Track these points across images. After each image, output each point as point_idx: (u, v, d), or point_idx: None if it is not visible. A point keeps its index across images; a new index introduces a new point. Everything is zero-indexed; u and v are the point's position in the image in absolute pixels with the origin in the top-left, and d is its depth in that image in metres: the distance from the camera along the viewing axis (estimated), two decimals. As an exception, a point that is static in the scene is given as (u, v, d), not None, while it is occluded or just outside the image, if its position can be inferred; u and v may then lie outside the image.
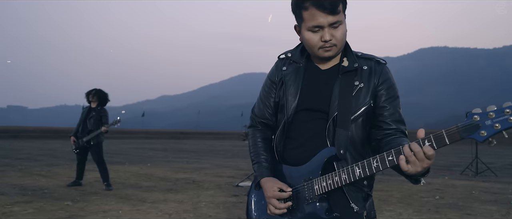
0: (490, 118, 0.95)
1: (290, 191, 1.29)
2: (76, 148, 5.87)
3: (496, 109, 0.95)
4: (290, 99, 1.33)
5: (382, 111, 1.28)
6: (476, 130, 0.96)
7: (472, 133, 0.96)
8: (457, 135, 0.98)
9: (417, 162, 1.02)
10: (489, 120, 0.95)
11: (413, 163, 1.03)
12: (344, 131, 1.25)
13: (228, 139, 43.14)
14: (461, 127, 0.97)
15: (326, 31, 1.23)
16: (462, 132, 0.97)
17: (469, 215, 4.27)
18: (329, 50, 1.26)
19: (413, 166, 1.03)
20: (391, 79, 1.32)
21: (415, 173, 1.05)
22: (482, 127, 0.95)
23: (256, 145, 1.43)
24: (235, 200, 5.04)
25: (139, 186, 6.13)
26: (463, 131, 0.97)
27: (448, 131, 0.99)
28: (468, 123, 0.97)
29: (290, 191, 1.28)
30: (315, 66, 1.36)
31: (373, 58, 1.33)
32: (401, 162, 1.04)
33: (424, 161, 1.02)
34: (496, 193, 5.93)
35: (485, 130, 0.95)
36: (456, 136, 0.98)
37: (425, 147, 1.02)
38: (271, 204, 1.29)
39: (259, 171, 1.37)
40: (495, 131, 0.94)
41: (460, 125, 0.98)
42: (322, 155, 1.26)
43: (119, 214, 4.05)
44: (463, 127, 0.97)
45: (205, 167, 9.71)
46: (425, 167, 1.04)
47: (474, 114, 0.97)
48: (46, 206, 4.36)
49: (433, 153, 1.01)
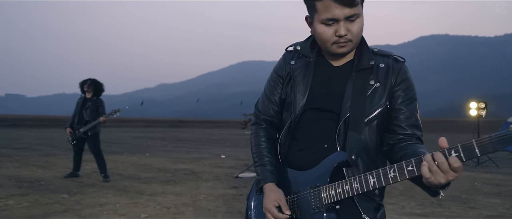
0: None
1: (288, 214, 1.17)
2: (72, 139, 5.75)
3: None
4: (299, 97, 1.21)
5: (398, 114, 1.17)
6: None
7: (508, 145, 0.84)
8: (489, 146, 0.85)
9: (441, 174, 0.90)
10: None
11: (435, 173, 0.90)
12: (356, 134, 1.13)
13: (227, 127, 43.14)
14: (495, 138, 0.84)
15: (342, 25, 1.10)
16: (496, 143, 0.84)
17: (473, 209, 4.20)
18: (344, 46, 1.13)
19: (436, 177, 0.90)
20: (410, 79, 1.20)
21: (437, 185, 0.92)
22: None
23: (260, 146, 1.31)
24: (235, 192, 4.96)
25: (137, 177, 6.04)
26: (497, 142, 0.84)
27: (479, 142, 0.86)
28: (503, 134, 0.84)
29: (288, 214, 1.17)
30: (326, 62, 1.24)
31: (391, 55, 1.21)
32: (423, 168, 0.91)
33: (449, 173, 0.90)
34: (498, 184, 5.88)
35: None
36: (489, 147, 0.85)
37: (451, 158, 0.89)
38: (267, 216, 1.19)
39: (263, 175, 1.26)
40: None
41: (494, 136, 0.85)
42: (331, 160, 1.14)
43: (116, 207, 3.97)
44: (497, 138, 0.84)
45: (204, 157, 9.63)
46: (450, 180, 0.91)
47: (511, 123, 0.84)
48: (42, 199, 4.26)
49: (460, 165, 0.88)
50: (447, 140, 0.92)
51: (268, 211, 1.18)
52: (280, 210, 1.18)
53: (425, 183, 0.95)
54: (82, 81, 5.86)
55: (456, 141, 0.94)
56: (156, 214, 3.72)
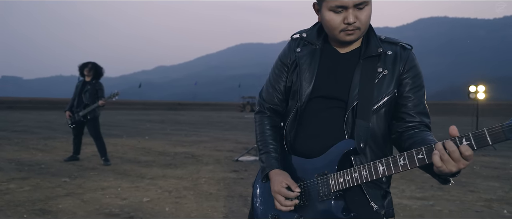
0: None
1: (299, 191, 1.16)
2: (72, 123, 5.70)
3: None
4: (305, 85, 1.20)
5: (406, 102, 1.16)
6: None
7: None
8: (501, 135, 0.85)
9: (452, 162, 0.89)
10: None
11: (447, 162, 0.90)
12: (364, 122, 1.12)
13: (225, 110, 43.19)
14: (507, 127, 0.84)
15: (350, 12, 1.08)
16: (508, 132, 0.84)
17: (472, 192, 4.24)
18: (352, 33, 1.12)
19: (448, 165, 0.90)
20: (418, 67, 1.19)
21: (448, 173, 0.92)
22: None
23: (264, 133, 1.29)
24: (235, 176, 4.97)
25: (137, 161, 6.04)
26: (509, 131, 0.84)
27: (491, 130, 0.85)
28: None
29: (298, 191, 1.16)
30: (333, 49, 1.22)
31: (399, 43, 1.20)
32: (435, 157, 0.90)
33: (460, 161, 0.89)
34: (497, 168, 5.93)
35: None
36: (501, 136, 0.85)
37: (462, 146, 0.88)
38: (277, 200, 1.17)
39: (268, 162, 1.24)
40: None
41: (506, 124, 0.84)
42: (339, 148, 1.12)
43: (118, 191, 3.97)
44: (509, 126, 0.84)
45: (203, 140, 9.64)
46: (461, 168, 0.90)
47: None
48: (43, 183, 4.26)
49: (471, 153, 0.88)
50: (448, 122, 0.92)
51: (278, 193, 1.17)
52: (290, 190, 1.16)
53: (436, 172, 0.94)
54: (82, 64, 5.77)
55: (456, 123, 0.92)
56: (158, 198, 3.73)
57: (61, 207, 3.33)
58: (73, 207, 3.33)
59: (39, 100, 41.81)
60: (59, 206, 3.36)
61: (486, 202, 3.81)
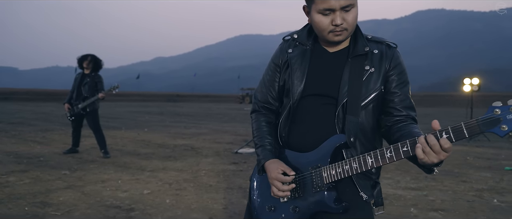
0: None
1: (294, 174, 1.23)
2: (71, 115, 5.71)
3: None
4: (296, 83, 1.27)
5: (393, 97, 1.24)
6: (497, 124, 0.92)
7: (492, 127, 0.93)
8: (476, 128, 0.94)
9: (433, 154, 0.98)
10: (511, 115, 0.91)
11: (429, 154, 0.98)
12: (354, 118, 1.20)
13: (224, 102, 43.20)
14: (481, 121, 0.93)
15: (338, 14, 1.16)
16: (482, 125, 0.93)
17: (465, 182, 4.32)
18: (340, 34, 1.19)
19: (429, 157, 0.98)
20: (402, 64, 1.26)
21: (431, 164, 1.00)
22: (503, 121, 0.91)
23: (260, 129, 1.36)
24: (235, 168, 5.02)
25: (137, 153, 6.08)
26: (483, 124, 0.93)
27: (467, 124, 0.95)
28: (488, 117, 0.93)
29: (293, 174, 1.22)
30: (323, 49, 1.29)
31: (384, 42, 1.27)
32: (417, 150, 0.99)
33: (441, 153, 0.97)
34: (489, 158, 6.03)
35: (506, 125, 0.91)
36: (476, 129, 0.94)
37: (442, 139, 0.96)
38: (274, 186, 1.24)
39: (263, 154, 1.31)
40: None
41: (481, 119, 0.93)
42: (331, 142, 1.20)
43: (119, 183, 4.00)
44: (483, 120, 0.93)
45: (203, 132, 9.69)
46: (442, 159, 0.98)
47: (495, 107, 0.93)
48: (43, 176, 4.28)
49: (450, 145, 0.96)
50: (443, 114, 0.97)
51: (275, 179, 1.22)
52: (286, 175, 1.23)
53: (419, 163, 1.03)
54: (81, 56, 5.75)
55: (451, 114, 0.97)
56: (158, 190, 3.77)
57: (62, 199, 3.37)
58: (74, 200, 3.37)
59: (35, 91, 41.59)
60: (60, 198, 3.40)
61: (477, 192, 3.89)
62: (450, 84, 23.96)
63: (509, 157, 6.17)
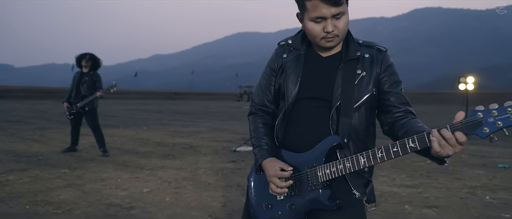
0: (492, 116, 0.98)
1: (291, 170, 1.28)
2: (70, 114, 5.74)
3: (498, 107, 0.98)
4: (291, 87, 1.33)
5: (389, 96, 1.29)
6: (479, 127, 0.99)
7: (475, 130, 0.99)
8: (461, 130, 1.00)
9: (449, 147, 1.02)
10: (491, 118, 0.98)
11: (444, 147, 1.02)
12: (347, 119, 1.26)
13: (222, 99, 43.19)
14: (465, 123, 1.00)
15: (329, 22, 1.21)
16: (466, 128, 1.00)
17: (459, 180, 4.40)
18: (331, 40, 1.25)
19: (445, 150, 1.02)
20: (393, 66, 1.32)
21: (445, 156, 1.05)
22: (485, 124, 0.98)
23: (257, 130, 1.42)
24: (233, 166, 5.07)
25: (136, 152, 6.12)
26: (466, 127, 1.00)
27: (452, 127, 1.01)
28: (471, 120, 1.00)
29: (291, 170, 1.28)
30: (316, 54, 1.35)
31: (374, 46, 1.33)
32: (434, 144, 1.03)
33: (456, 146, 1.02)
34: (483, 156, 6.11)
35: (488, 127, 0.98)
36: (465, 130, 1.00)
37: (457, 133, 1.00)
38: (272, 183, 1.29)
39: (260, 154, 1.36)
40: (496, 128, 0.98)
41: (464, 122, 1.00)
42: (326, 143, 1.25)
43: (118, 182, 4.05)
44: (466, 123, 1.00)
45: (201, 130, 9.72)
46: (456, 151, 1.03)
47: (478, 111, 1.00)
48: (43, 174, 4.32)
49: (465, 139, 1.01)
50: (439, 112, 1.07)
51: (273, 176, 1.28)
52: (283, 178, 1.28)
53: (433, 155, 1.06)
54: (80, 55, 5.77)
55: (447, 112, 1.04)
56: (158, 188, 3.82)
57: (62, 198, 3.41)
58: (74, 198, 3.41)
59: (31, 89, 41.41)
60: (60, 197, 3.44)
61: (471, 189, 3.97)
62: (447, 82, 24.21)
63: (503, 155, 6.25)
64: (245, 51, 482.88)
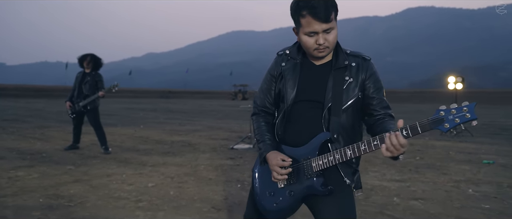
0: (452, 114, 1.22)
1: (290, 160, 1.51)
2: (72, 113, 5.91)
3: (457, 107, 1.21)
4: (289, 91, 1.54)
5: (372, 101, 1.52)
6: (441, 123, 1.23)
7: (438, 125, 1.24)
8: (427, 126, 1.25)
9: (395, 151, 1.29)
10: (451, 115, 1.22)
11: (392, 151, 1.30)
12: (337, 118, 1.48)
13: (216, 98, 43.28)
14: (431, 120, 1.24)
15: (320, 36, 1.42)
16: (431, 124, 1.24)
17: (445, 174, 4.67)
18: (323, 51, 1.47)
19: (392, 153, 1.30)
20: (376, 73, 1.55)
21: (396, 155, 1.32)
22: (446, 120, 1.22)
23: (260, 128, 1.65)
24: (232, 163, 5.29)
25: (136, 149, 6.31)
26: (432, 123, 1.24)
27: (421, 123, 1.26)
28: (436, 117, 1.24)
29: (290, 160, 1.50)
30: (310, 62, 1.56)
31: (360, 55, 1.55)
32: (382, 149, 1.30)
33: (400, 149, 1.28)
34: (470, 153, 6.39)
35: (448, 123, 1.22)
36: (427, 127, 1.25)
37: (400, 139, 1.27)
38: (274, 171, 1.51)
39: (264, 148, 1.58)
40: (455, 124, 1.22)
41: (430, 119, 1.24)
42: (319, 138, 1.48)
43: (123, 177, 4.25)
44: (432, 120, 1.24)
45: (198, 129, 9.91)
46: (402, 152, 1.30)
47: (441, 110, 1.24)
48: (49, 171, 4.50)
49: (405, 142, 1.27)
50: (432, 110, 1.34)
51: (275, 165, 1.51)
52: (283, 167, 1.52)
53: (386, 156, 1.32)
54: (81, 56, 5.95)
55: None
56: (162, 183, 4.03)
57: (72, 192, 3.61)
58: (84, 192, 3.61)
59: (25, 87, 41.10)
60: (70, 191, 3.64)
61: (455, 183, 4.23)
62: (440, 81, 24.78)
63: (489, 152, 6.52)
64: (239, 50, 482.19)
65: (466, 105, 1.21)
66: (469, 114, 1.21)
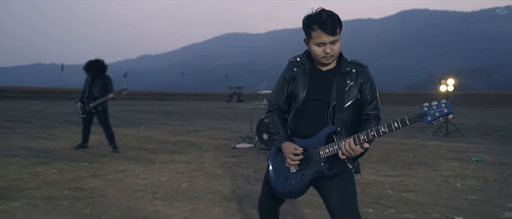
0: (433, 109, 1.55)
1: (301, 149, 1.82)
2: (83, 113, 6.19)
3: (437, 103, 1.55)
4: (300, 92, 1.85)
5: (366, 101, 1.85)
6: (425, 116, 1.57)
7: (422, 118, 1.58)
8: (413, 119, 1.59)
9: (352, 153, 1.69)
10: (432, 110, 1.55)
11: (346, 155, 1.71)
12: (340, 115, 1.79)
13: (212, 100, 43.51)
14: (416, 114, 1.59)
15: (328, 46, 1.73)
16: (417, 117, 1.59)
17: (435, 170, 5.00)
18: (329, 59, 1.78)
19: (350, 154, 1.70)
20: (372, 78, 1.86)
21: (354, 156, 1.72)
22: (428, 114, 1.56)
23: (275, 122, 1.97)
24: (235, 160, 5.59)
25: (143, 148, 6.58)
26: (417, 116, 1.59)
27: (408, 116, 1.59)
28: (421, 112, 1.58)
29: (301, 149, 1.82)
30: (317, 68, 1.87)
31: (359, 63, 1.86)
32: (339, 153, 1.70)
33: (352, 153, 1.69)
34: (460, 151, 6.73)
35: (430, 117, 1.56)
36: (413, 119, 1.59)
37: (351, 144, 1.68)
38: (288, 158, 1.83)
39: (279, 139, 1.90)
40: (435, 117, 1.55)
41: (416, 113, 1.59)
42: (325, 131, 1.79)
43: (136, 173, 4.53)
44: (417, 114, 1.59)
45: (198, 130, 10.18)
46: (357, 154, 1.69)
47: (424, 106, 1.58)
48: (66, 167, 4.76)
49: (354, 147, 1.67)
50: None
51: (289, 152, 1.83)
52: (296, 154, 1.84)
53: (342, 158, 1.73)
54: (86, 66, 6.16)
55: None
56: (173, 178, 4.32)
57: (92, 185, 3.89)
58: (103, 185, 3.89)
59: (20, 89, 41.04)
60: (90, 184, 3.92)
61: (445, 178, 4.57)
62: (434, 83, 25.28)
63: (478, 150, 6.85)
64: (234, 52, 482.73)
65: (444, 102, 1.55)
66: (446, 109, 1.55)
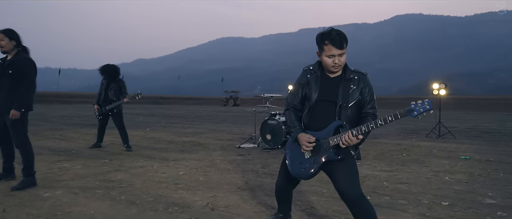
0: (418, 106, 2.03)
1: (314, 139, 2.32)
2: (99, 114, 6.61)
3: (421, 102, 2.01)
4: (313, 94, 2.37)
5: (365, 102, 2.32)
6: (412, 111, 2.04)
7: (410, 113, 2.07)
8: (403, 113, 2.08)
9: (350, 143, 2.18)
10: (418, 107, 2.03)
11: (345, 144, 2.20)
12: (345, 112, 2.28)
13: (208, 104, 43.85)
14: (406, 110, 2.07)
15: (336, 58, 2.24)
16: (406, 112, 2.08)
17: (427, 167, 5.47)
18: (337, 68, 2.29)
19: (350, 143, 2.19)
20: (370, 84, 2.35)
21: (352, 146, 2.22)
22: (414, 110, 2.04)
23: (292, 118, 2.48)
24: (243, 158, 6.02)
25: (153, 148, 6.98)
26: (406, 111, 2.08)
27: (399, 111, 2.08)
28: (409, 108, 2.07)
29: (314, 139, 2.32)
30: (327, 75, 2.38)
31: (360, 71, 2.35)
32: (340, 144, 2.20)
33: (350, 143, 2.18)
34: (451, 151, 7.19)
35: (416, 111, 2.03)
36: (403, 114, 2.08)
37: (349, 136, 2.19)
38: (303, 145, 2.33)
39: (296, 131, 2.41)
40: (420, 112, 2.02)
41: (405, 109, 2.07)
42: (333, 125, 2.32)
43: (155, 168, 4.94)
44: (406, 110, 2.07)
45: (201, 131, 10.58)
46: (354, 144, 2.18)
47: (412, 103, 2.04)
48: (89, 163, 5.17)
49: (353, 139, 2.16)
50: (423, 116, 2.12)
51: (304, 140, 2.33)
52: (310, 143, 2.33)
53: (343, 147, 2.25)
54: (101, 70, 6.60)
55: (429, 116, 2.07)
56: (190, 172, 4.74)
57: (119, 178, 4.30)
58: (129, 178, 4.31)
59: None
60: (117, 177, 4.33)
61: (435, 173, 5.05)
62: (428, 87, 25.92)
63: (467, 150, 7.28)
64: (230, 56, 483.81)
65: (427, 101, 2.05)
66: (428, 106, 2.04)
